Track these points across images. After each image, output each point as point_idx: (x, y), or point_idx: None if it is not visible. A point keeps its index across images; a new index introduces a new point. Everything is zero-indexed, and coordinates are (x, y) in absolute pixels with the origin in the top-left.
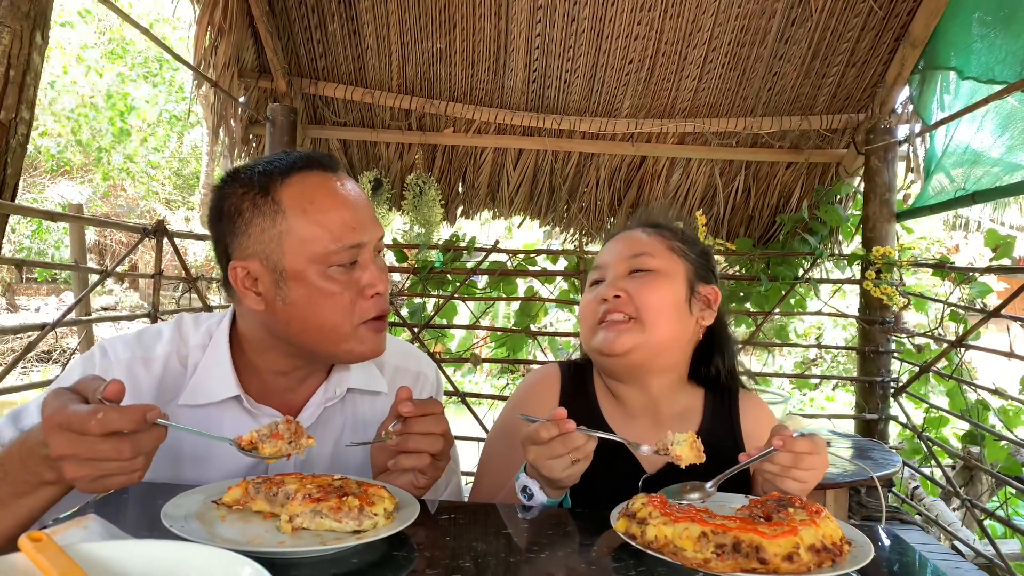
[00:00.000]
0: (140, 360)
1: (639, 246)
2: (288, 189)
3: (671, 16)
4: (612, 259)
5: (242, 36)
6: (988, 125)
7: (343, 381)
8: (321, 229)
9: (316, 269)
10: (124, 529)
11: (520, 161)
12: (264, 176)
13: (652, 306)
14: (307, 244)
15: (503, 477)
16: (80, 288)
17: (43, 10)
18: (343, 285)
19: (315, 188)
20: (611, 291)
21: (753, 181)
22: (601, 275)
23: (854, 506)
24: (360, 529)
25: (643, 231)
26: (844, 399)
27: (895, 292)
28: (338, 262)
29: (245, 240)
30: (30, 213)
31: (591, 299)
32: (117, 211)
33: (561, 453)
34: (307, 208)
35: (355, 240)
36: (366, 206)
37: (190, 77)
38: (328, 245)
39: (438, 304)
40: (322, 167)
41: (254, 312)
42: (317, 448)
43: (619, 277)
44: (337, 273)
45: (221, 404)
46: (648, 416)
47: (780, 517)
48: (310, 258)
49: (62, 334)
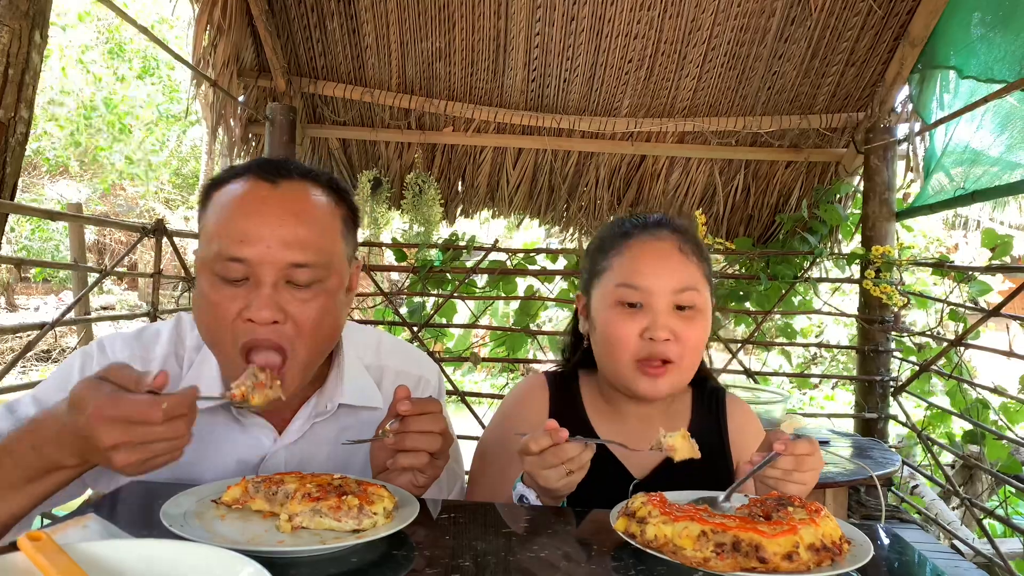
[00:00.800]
0: (139, 360)
1: (686, 278)
2: (221, 189)
3: (670, 15)
4: (656, 286)
5: (241, 35)
6: (987, 124)
7: (335, 395)
8: (215, 232)
9: (206, 273)
10: (123, 528)
11: (520, 160)
12: (224, 173)
13: (696, 349)
14: (205, 244)
15: (495, 488)
16: (79, 287)
17: (42, 9)
18: (227, 298)
19: (235, 194)
20: (662, 333)
21: (752, 180)
22: (642, 300)
23: (853, 505)
24: (359, 528)
25: (680, 249)
26: (844, 398)
27: (894, 291)
28: (221, 273)
29: (200, 231)
30: (29, 212)
31: (633, 330)
32: (116, 210)
33: (555, 464)
34: (219, 209)
35: (237, 253)
36: (284, 223)
37: (189, 76)
38: (213, 249)
39: (437, 303)
40: (262, 175)
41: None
42: (311, 462)
43: (666, 314)
44: (221, 284)
45: (211, 410)
46: (637, 419)
47: (779, 516)
48: (201, 260)
49: (61, 333)
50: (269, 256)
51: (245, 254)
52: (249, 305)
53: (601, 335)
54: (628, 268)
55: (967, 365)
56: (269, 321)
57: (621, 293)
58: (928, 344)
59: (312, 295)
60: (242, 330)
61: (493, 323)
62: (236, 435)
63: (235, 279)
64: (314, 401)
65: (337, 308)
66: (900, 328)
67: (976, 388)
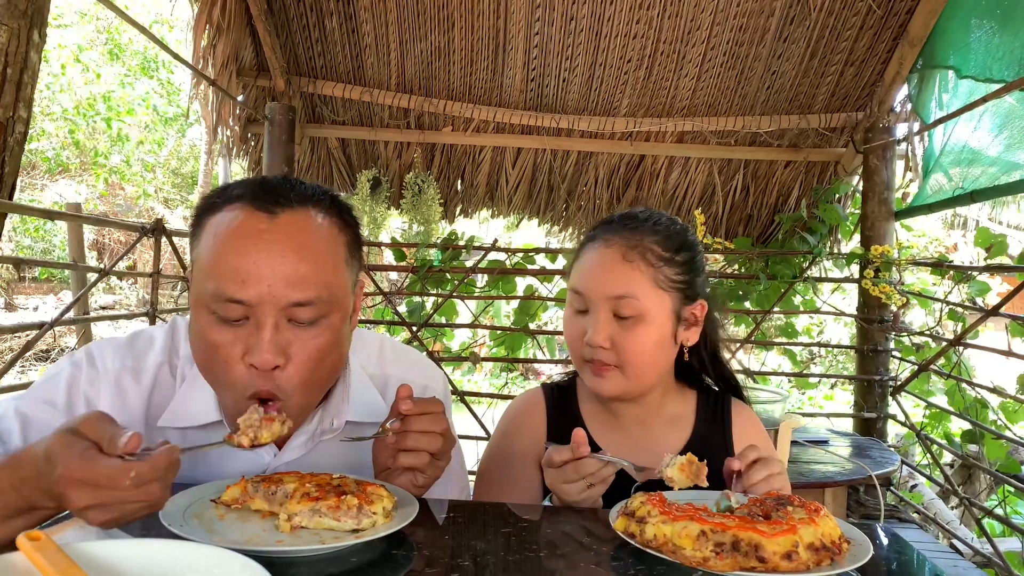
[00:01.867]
0: (130, 371)
1: (621, 285)
2: (216, 216)
3: (670, 15)
4: (594, 290)
5: (240, 35)
6: (986, 124)
7: (341, 413)
8: (211, 268)
9: (201, 310)
10: (122, 528)
11: (519, 160)
12: (212, 201)
13: (636, 357)
14: (200, 279)
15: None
16: (79, 287)
17: (40, 8)
18: (228, 340)
19: (231, 226)
20: (596, 338)
21: (752, 180)
22: (583, 304)
23: (852, 505)
24: (359, 528)
25: (623, 255)
26: (843, 398)
27: (893, 291)
28: (218, 312)
29: (191, 253)
30: (28, 212)
31: (579, 333)
32: (116, 210)
33: (574, 479)
34: (212, 242)
35: (235, 295)
36: (284, 259)
37: (188, 76)
38: (211, 288)
39: (437, 303)
40: (258, 207)
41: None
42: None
43: (603, 321)
44: (220, 325)
45: (204, 428)
46: (638, 425)
47: (779, 516)
48: (197, 296)
49: (60, 333)
50: (270, 296)
51: (244, 296)
52: (249, 349)
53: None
54: (576, 274)
55: (966, 364)
56: (271, 367)
57: (571, 298)
58: (927, 344)
59: (315, 333)
60: (246, 378)
61: (493, 323)
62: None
63: (234, 319)
64: (318, 417)
65: (341, 343)
66: (899, 328)
67: (975, 388)
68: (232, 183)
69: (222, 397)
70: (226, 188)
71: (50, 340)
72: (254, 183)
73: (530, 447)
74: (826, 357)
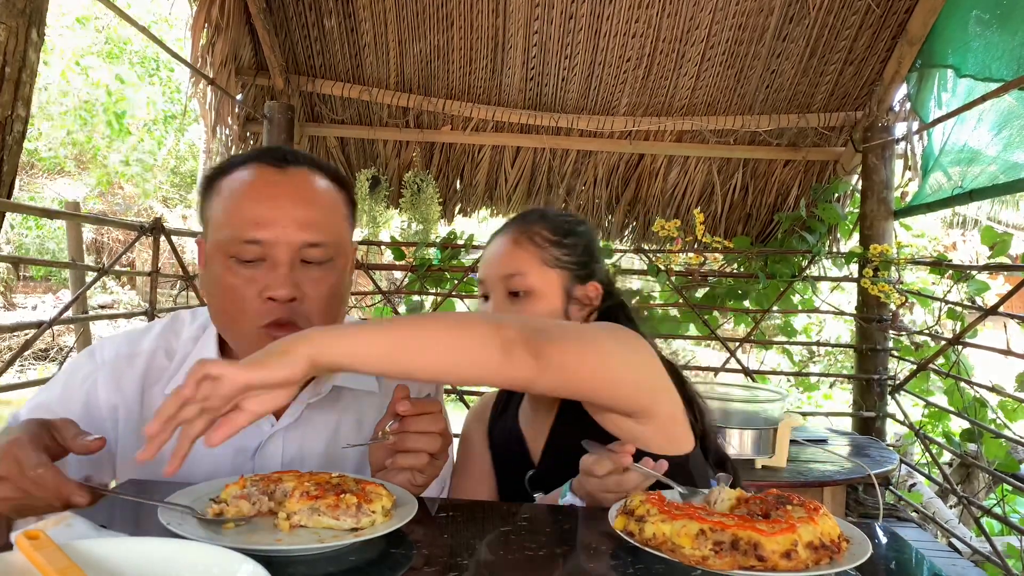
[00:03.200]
0: (125, 357)
1: (511, 264)
2: (227, 179)
3: (669, 14)
4: (490, 274)
5: (239, 34)
6: (985, 123)
7: (328, 378)
8: (227, 216)
9: (220, 257)
10: (120, 526)
11: (518, 159)
12: (227, 163)
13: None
14: (217, 229)
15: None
16: (77, 286)
17: (39, 7)
18: (244, 280)
19: (245, 179)
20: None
21: (751, 179)
22: (485, 290)
23: (851, 504)
24: (358, 527)
25: (514, 240)
26: (842, 397)
27: (892, 290)
28: (236, 254)
29: (205, 219)
30: (27, 211)
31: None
32: (115, 209)
33: (615, 490)
34: (229, 195)
35: (253, 235)
36: (296, 205)
37: (187, 75)
38: (227, 233)
39: (436, 302)
40: (270, 162)
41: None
42: (308, 448)
43: (499, 301)
44: (237, 266)
45: None
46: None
47: (778, 515)
48: (216, 244)
49: (59, 332)
50: (284, 237)
51: (261, 236)
52: (268, 285)
53: None
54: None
55: (965, 363)
56: (288, 299)
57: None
58: (926, 343)
59: (324, 273)
60: (264, 310)
61: None
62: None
63: (251, 260)
64: (312, 386)
65: (345, 287)
66: (898, 327)
67: (974, 387)
68: (237, 154)
69: (235, 335)
70: (233, 157)
71: (49, 339)
72: (260, 150)
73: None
74: (825, 356)
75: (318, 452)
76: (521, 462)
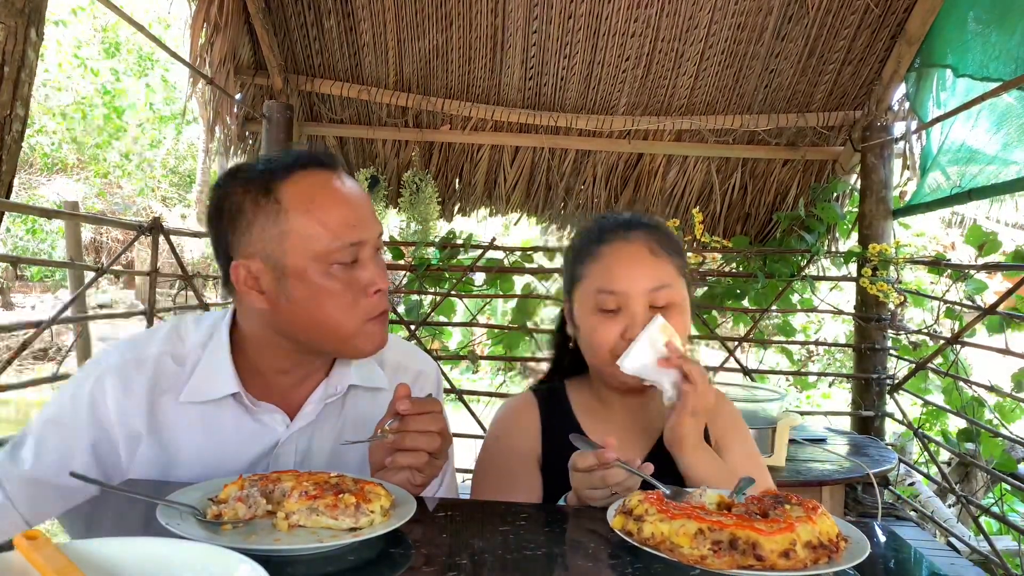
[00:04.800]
0: (132, 362)
1: (659, 276)
2: (290, 187)
3: (668, 13)
4: (631, 289)
5: (238, 33)
6: (983, 122)
7: (344, 378)
8: (322, 227)
9: (318, 267)
10: (119, 526)
11: (517, 158)
12: (266, 175)
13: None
14: (309, 242)
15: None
16: (76, 286)
17: (38, 6)
18: (345, 283)
19: (316, 186)
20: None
21: (750, 178)
22: (619, 304)
23: (850, 503)
24: (357, 526)
25: (651, 250)
26: (841, 396)
27: (891, 289)
28: (339, 260)
29: (247, 239)
30: (26, 210)
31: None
32: (113, 208)
33: (600, 486)
34: (309, 206)
35: (355, 238)
36: (366, 203)
37: (186, 74)
38: (329, 243)
39: (435, 301)
40: (323, 165)
41: (257, 311)
42: (317, 444)
43: (643, 314)
44: (338, 271)
45: (220, 401)
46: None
47: (776, 514)
48: (312, 256)
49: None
50: (374, 232)
51: (362, 236)
52: (371, 280)
53: (585, 340)
54: (603, 274)
55: (964, 362)
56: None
57: (599, 299)
58: (924, 342)
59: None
60: (371, 304)
61: (491, 321)
62: (248, 423)
63: (350, 262)
64: (323, 386)
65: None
66: (897, 326)
67: (971, 386)
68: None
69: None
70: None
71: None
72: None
73: (527, 448)
74: (824, 355)
75: (327, 449)
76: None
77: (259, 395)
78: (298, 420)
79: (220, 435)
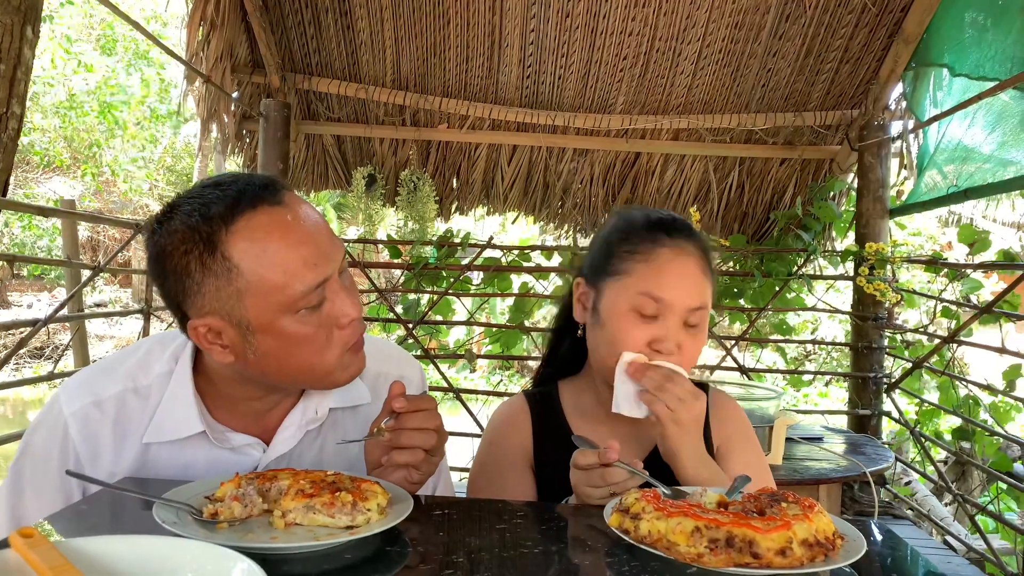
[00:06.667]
0: (91, 405)
1: (703, 296)
2: (236, 240)
3: (665, 12)
4: (678, 298)
5: (235, 31)
6: (980, 122)
7: (323, 402)
8: (282, 276)
9: (284, 318)
10: (116, 524)
11: (514, 157)
12: (206, 229)
13: (691, 363)
14: (270, 296)
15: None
16: (72, 284)
17: (34, 4)
18: (316, 325)
19: (266, 231)
20: (670, 346)
21: (747, 177)
22: (658, 312)
23: (847, 501)
24: (353, 525)
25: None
26: (837, 395)
27: (888, 288)
28: (306, 305)
29: (199, 300)
30: (22, 208)
31: (642, 339)
32: (110, 207)
33: (599, 484)
34: (261, 258)
35: (320, 277)
36: (322, 230)
37: (182, 72)
38: (292, 292)
39: (432, 300)
40: (266, 202)
41: (223, 364)
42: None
43: (676, 329)
44: (307, 315)
45: (191, 439)
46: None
47: (773, 512)
48: (276, 309)
49: (54, 330)
50: (334, 259)
51: (326, 272)
52: (343, 311)
53: (608, 335)
54: (653, 280)
55: (960, 362)
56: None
57: (641, 302)
58: (920, 341)
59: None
60: (346, 335)
61: (489, 320)
62: (222, 454)
63: (318, 304)
64: (301, 407)
65: None
66: (893, 325)
67: (967, 385)
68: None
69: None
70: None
71: (44, 337)
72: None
73: (519, 452)
74: (820, 354)
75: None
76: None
77: (228, 420)
78: (275, 447)
79: (194, 469)
